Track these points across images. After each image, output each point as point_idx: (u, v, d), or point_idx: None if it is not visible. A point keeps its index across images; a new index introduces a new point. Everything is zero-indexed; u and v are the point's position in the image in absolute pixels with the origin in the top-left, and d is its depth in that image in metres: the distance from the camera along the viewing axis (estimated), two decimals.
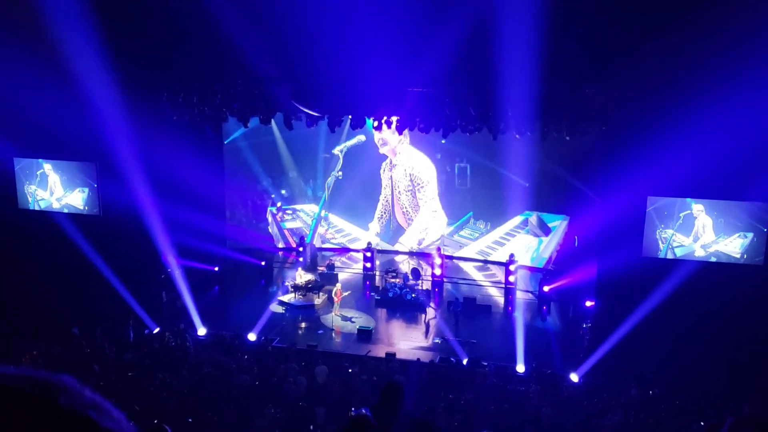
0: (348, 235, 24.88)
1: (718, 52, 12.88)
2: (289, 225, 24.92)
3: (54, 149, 17.73)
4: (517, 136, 16.27)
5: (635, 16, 13.27)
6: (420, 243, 24.21)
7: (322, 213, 24.66)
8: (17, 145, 17.73)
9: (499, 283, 21.70)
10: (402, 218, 24.15)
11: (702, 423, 12.28)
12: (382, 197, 23.96)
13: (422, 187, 23.66)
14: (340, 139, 23.01)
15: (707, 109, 12.98)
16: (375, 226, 24.35)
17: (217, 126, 20.96)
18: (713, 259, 14.83)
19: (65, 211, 18.08)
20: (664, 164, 13.93)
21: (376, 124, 17.27)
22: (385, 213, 24.10)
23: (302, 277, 20.07)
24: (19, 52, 15.29)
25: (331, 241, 24.95)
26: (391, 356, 15.97)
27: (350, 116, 17.48)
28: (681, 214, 14.91)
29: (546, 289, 20.06)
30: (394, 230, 24.30)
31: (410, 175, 23.63)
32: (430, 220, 23.96)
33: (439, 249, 22.67)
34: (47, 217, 18.11)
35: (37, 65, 15.46)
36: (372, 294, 20.86)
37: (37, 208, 18.38)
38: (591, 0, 13.43)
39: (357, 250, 24.26)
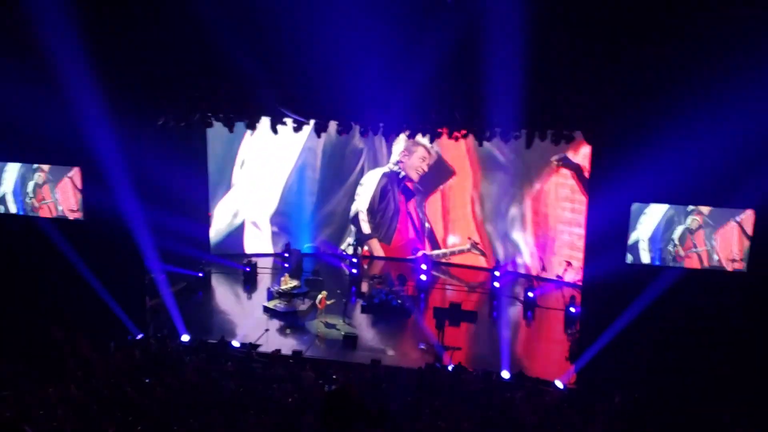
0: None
1: (705, 60, 12.98)
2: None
3: (36, 153, 17.50)
4: (503, 141, 16.32)
5: (622, 22, 13.34)
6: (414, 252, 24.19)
7: None
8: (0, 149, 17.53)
9: (485, 288, 21.73)
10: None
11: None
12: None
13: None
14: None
15: (693, 115, 13.07)
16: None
17: (201, 131, 20.85)
18: (697, 266, 14.88)
19: (47, 215, 17.85)
20: (649, 171, 13.97)
21: (362, 129, 17.25)
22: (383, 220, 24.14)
23: (287, 283, 19.98)
24: (2, 56, 15.12)
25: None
26: (376, 363, 15.91)
27: (336, 121, 17.41)
28: (665, 221, 14.96)
29: (531, 294, 20.11)
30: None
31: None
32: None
33: (425, 255, 22.67)
34: (29, 221, 17.87)
35: (19, 68, 15.29)
36: (358, 300, 20.80)
37: (18, 212, 18.13)
38: (578, 7, 13.48)
39: (343, 256, 24.22)
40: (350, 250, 24.15)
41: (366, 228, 24.30)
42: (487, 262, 23.08)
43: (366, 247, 24.41)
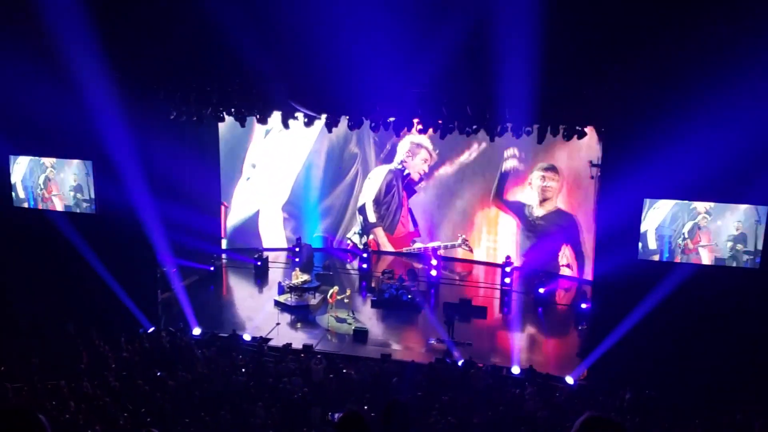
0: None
1: (716, 56, 12.88)
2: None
3: (50, 147, 17.65)
4: (514, 137, 16.25)
5: (634, 17, 13.26)
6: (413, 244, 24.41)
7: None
8: (13, 142, 17.66)
9: (495, 284, 21.73)
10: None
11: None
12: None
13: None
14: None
15: (705, 112, 12.97)
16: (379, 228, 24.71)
17: (213, 125, 20.93)
18: (709, 262, 14.81)
19: (60, 209, 17.99)
20: (661, 166, 13.90)
21: (373, 124, 17.24)
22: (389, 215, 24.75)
23: (298, 277, 20.04)
24: (16, 50, 15.21)
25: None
26: (386, 357, 15.95)
27: (347, 116, 17.40)
28: (677, 217, 14.90)
29: (542, 291, 20.07)
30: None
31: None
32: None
33: (435, 250, 22.68)
34: (42, 215, 18.02)
35: (34, 63, 15.39)
36: (368, 295, 20.84)
37: (32, 206, 18.29)
38: (590, 3, 13.41)
39: (353, 251, 24.31)
40: (356, 238, 24.69)
41: (372, 217, 25.09)
42: (476, 257, 23.66)
43: (371, 236, 24.73)
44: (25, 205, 18.29)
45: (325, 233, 25.33)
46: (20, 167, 18.14)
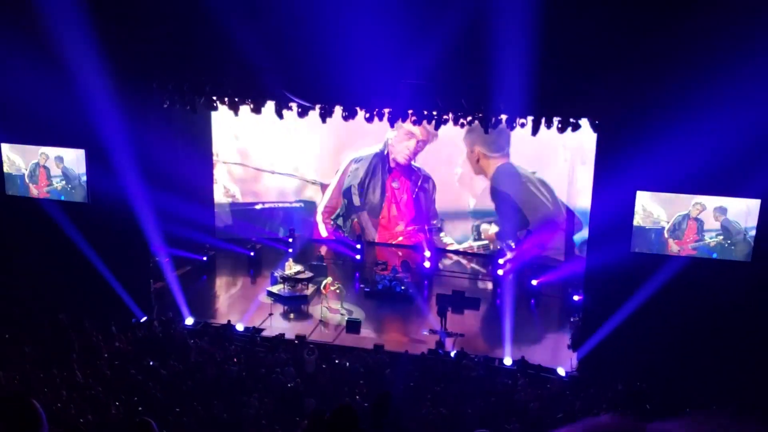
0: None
1: (711, 50, 12.90)
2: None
3: (43, 135, 17.54)
4: (508, 130, 16.26)
5: (630, 11, 13.25)
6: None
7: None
8: (5, 130, 17.54)
9: (488, 275, 21.76)
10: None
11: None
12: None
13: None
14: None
15: (699, 105, 13.00)
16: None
17: (207, 114, 20.84)
18: (701, 255, 14.86)
19: (53, 198, 17.91)
20: (654, 159, 13.94)
21: (367, 115, 17.20)
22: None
23: (291, 268, 20.00)
24: (9, 38, 15.11)
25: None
26: (379, 348, 15.97)
27: (342, 106, 17.36)
28: (669, 210, 14.93)
29: (534, 282, 20.11)
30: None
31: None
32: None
33: (430, 241, 22.69)
34: (35, 204, 17.93)
35: (27, 51, 15.30)
36: (361, 286, 20.85)
37: (24, 194, 18.19)
38: None
39: (347, 242, 24.28)
40: (340, 221, 24.78)
41: (356, 201, 25.01)
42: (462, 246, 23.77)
43: (355, 219, 24.70)
44: (17, 193, 18.20)
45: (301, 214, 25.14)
46: (11, 155, 18.04)
